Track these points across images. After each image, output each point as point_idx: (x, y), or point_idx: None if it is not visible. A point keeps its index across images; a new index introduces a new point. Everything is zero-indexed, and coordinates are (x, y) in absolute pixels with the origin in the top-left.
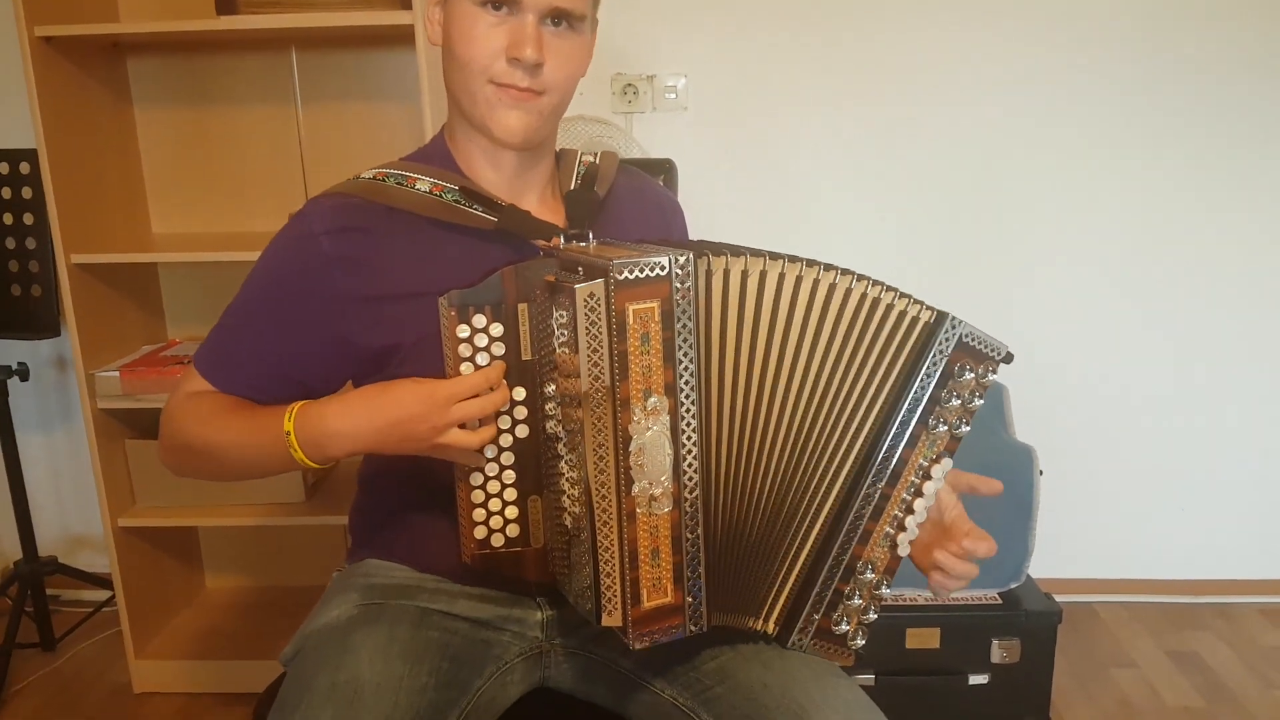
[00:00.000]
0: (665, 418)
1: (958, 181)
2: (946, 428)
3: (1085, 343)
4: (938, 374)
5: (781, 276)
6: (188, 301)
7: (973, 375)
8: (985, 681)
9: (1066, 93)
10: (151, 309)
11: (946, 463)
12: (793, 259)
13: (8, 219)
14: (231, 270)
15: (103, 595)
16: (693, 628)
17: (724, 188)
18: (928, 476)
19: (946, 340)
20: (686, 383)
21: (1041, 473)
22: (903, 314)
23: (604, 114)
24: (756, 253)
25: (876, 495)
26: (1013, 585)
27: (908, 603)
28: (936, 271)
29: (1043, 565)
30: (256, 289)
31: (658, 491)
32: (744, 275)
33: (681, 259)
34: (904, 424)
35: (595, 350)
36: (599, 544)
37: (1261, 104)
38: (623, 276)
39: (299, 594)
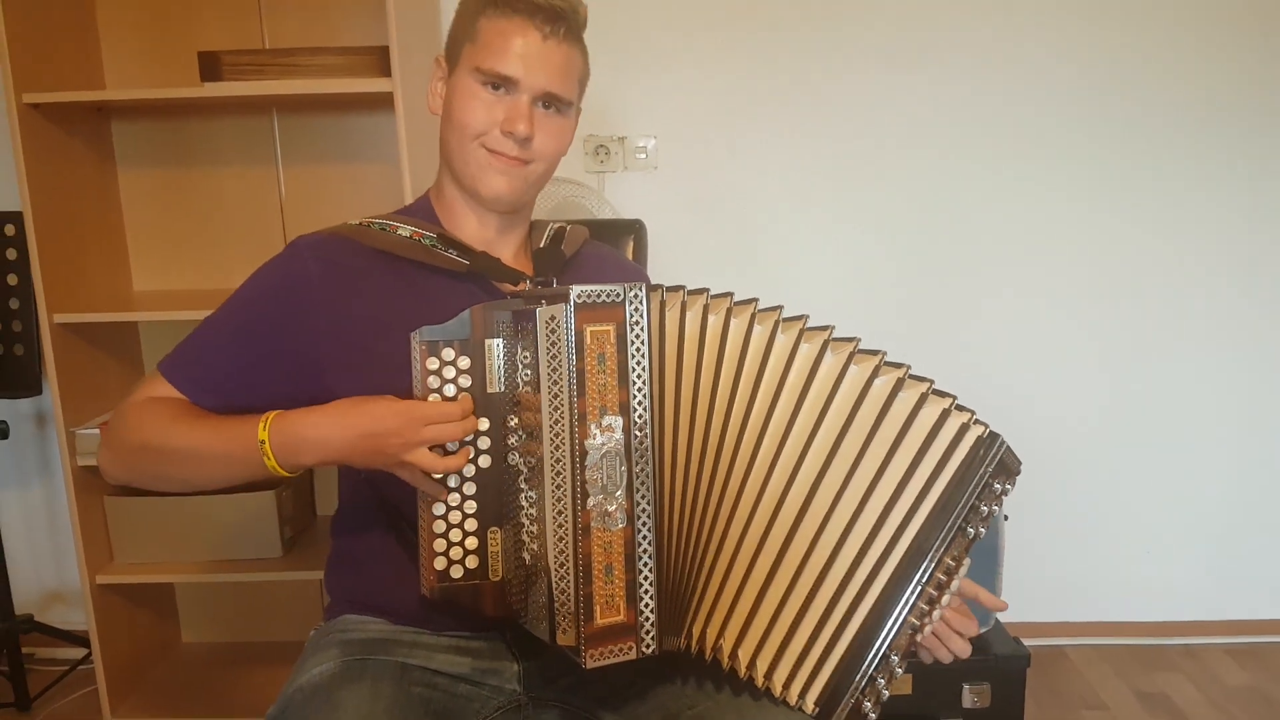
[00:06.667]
0: (620, 435)
1: (926, 230)
2: (973, 532)
3: (1049, 388)
4: (982, 486)
5: (753, 318)
6: None
7: (999, 488)
8: None
9: (1025, 135)
10: (132, 365)
11: (967, 562)
12: (768, 310)
13: None
14: None
15: (79, 653)
16: (645, 649)
17: (695, 244)
18: (954, 575)
19: (994, 456)
20: (640, 404)
21: (1007, 518)
22: (947, 415)
23: (577, 175)
24: (720, 296)
25: (919, 592)
26: (982, 630)
27: None
28: (906, 316)
29: (1011, 609)
30: (240, 299)
31: (612, 507)
32: (705, 310)
33: (635, 289)
34: (950, 528)
35: (555, 369)
36: (553, 559)
37: (1211, 141)
38: (581, 300)
39: (276, 649)
